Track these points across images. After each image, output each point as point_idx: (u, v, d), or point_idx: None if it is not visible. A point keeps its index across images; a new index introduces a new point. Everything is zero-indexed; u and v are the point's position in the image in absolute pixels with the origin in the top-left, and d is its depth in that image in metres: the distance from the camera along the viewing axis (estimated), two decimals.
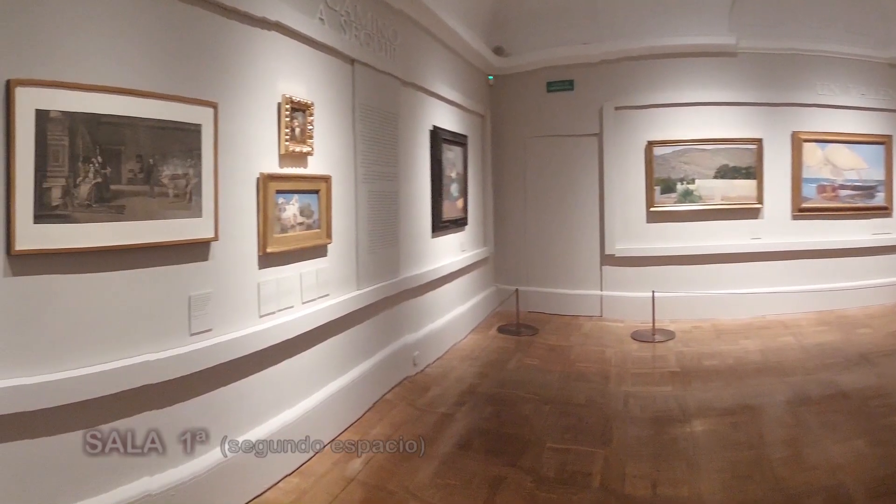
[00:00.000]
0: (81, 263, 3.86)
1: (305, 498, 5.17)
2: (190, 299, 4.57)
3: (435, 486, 5.37)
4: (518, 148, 12.66)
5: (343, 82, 6.75)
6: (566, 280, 12.39)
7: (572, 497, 5.18)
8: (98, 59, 3.93)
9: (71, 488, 3.84)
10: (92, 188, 3.86)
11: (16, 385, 3.54)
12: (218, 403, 4.82)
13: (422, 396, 7.73)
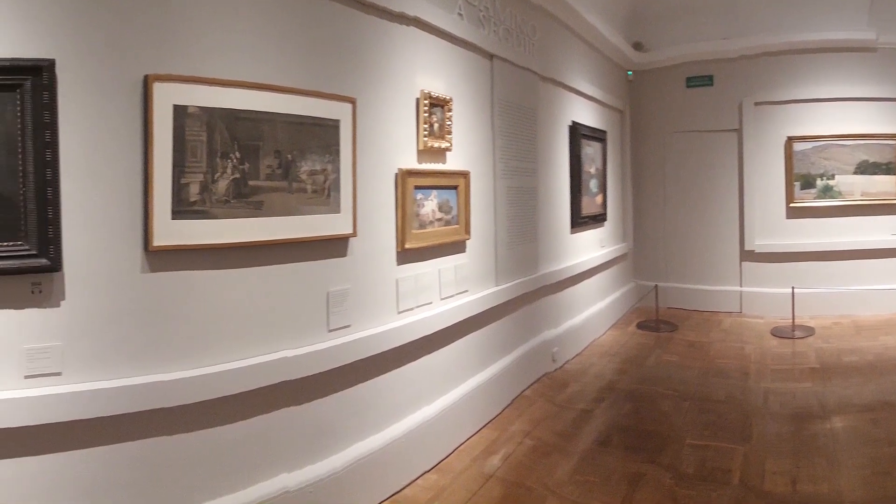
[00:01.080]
0: (219, 259, 3.81)
1: (444, 494, 5.06)
2: (328, 295, 4.48)
3: (574, 483, 5.23)
4: (657, 144, 12.37)
5: (481, 77, 6.59)
6: (705, 276, 12.09)
7: (711, 494, 4.99)
8: (236, 54, 3.87)
9: (209, 485, 3.81)
10: (230, 184, 3.80)
11: (154, 381, 3.51)
12: (356, 400, 4.73)
13: (561, 393, 7.57)
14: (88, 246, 3.35)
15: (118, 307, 3.46)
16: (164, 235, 3.53)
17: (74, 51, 3.28)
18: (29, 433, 3.21)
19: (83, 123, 3.31)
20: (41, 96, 3.16)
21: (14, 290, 3.19)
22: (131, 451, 3.51)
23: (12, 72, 3.11)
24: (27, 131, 3.15)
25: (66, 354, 3.31)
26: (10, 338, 3.19)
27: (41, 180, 3.18)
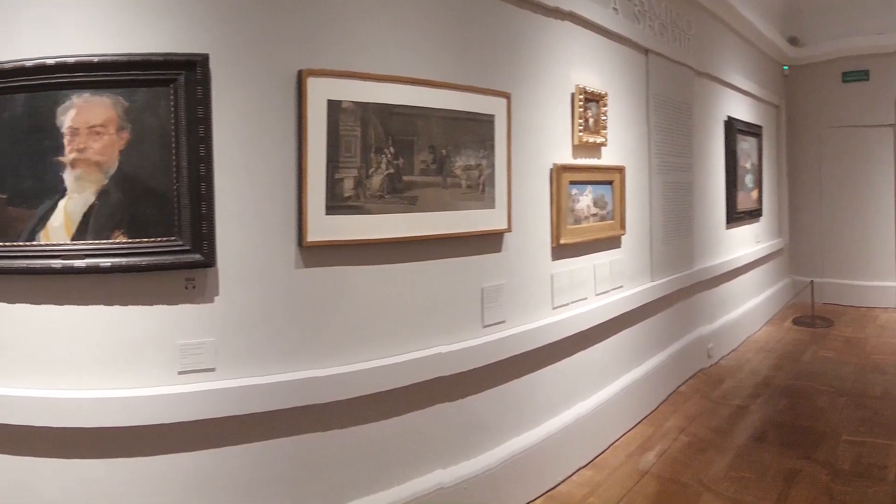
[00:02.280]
0: (373, 255, 3.69)
1: (599, 490, 4.86)
2: (483, 291, 4.31)
3: (729, 479, 5.00)
4: (813, 139, 11.88)
5: (636, 72, 6.33)
6: (861, 272, 11.57)
7: (867, 490, 4.73)
8: (389, 48, 3.75)
9: (364, 481, 3.70)
10: (384, 179, 3.67)
11: (307, 377, 3.42)
12: (510, 395, 4.55)
13: (716, 388, 7.27)
14: (242, 241, 3.27)
15: (272, 303, 3.38)
16: (318, 231, 3.43)
17: (228, 45, 3.21)
18: (182, 429, 3.17)
19: (237, 119, 3.24)
20: (195, 91, 3.09)
21: (168, 286, 3.14)
22: (285, 448, 3.44)
23: (166, 67, 3.06)
24: (181, 126, 3.08)
25: (219, 350, 3.25)
26: (164, 333, 3.14)
27: (195, 176, 3.11)
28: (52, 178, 2.98)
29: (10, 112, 2.99)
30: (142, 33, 3.07)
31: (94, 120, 2.99)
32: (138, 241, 3.04)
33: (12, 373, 3.07)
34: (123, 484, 3.13)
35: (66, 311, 3.07)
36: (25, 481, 3.10)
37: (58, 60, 2.95)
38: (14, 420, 3.03)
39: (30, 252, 2.99)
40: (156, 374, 3.14)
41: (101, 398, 3.05)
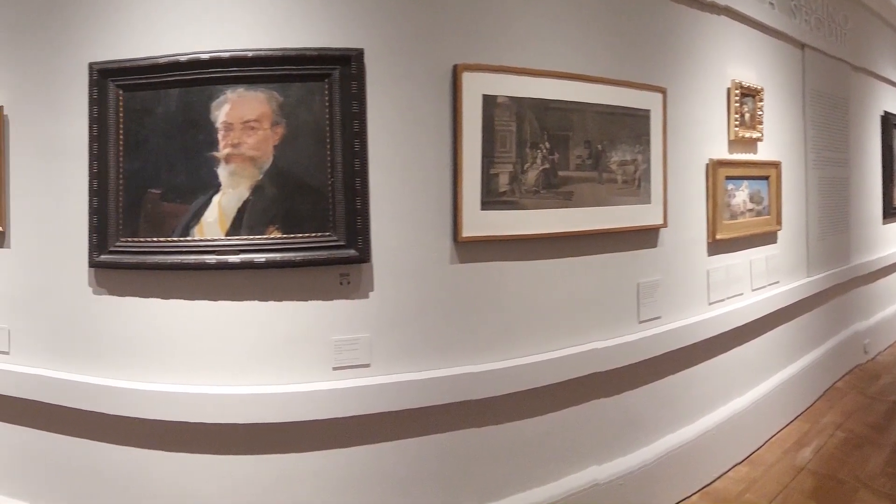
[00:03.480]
0: (528, 250, 3.46)
1: (755, 487, 4.54)
2: (638, 286, 4.03)
3: (886, 475, 4.63)
4: None
5: (792, 67, 5.92)
6: None
7: None
8: (544, 43, 3.50)
9: (519, 477, 3.49)
10: (539, 174, 3.43)
11: (462, 373, 3.24)
12: (666, 391, 4.27)
13: (872, 384, 6.78)
14: (396, 237, 3.10)
15: (426, 298, 3.19)
16: (473, 226, 3.22)
17: (383, 40, 3.06)
18: (337, 425, 3.05)
19: (391, 113, 3.07)
20: (349, 86, 2.95)
21: (323, 282, 3.01)
22: (439, 444, 3.27)
23: (321, 61, 2.95)
24: (335, 121, 2.95)
25: (374, 346, 3.10)
26: (319, 329, 3.03)
27: (349, 171, 2.96)
28: (206, 173, 2.91)
29: (164, 107, 2.94)
30: (296, 28, 2.97)
31: (248, 115, 2.91)
32: (292, 237, 2.93)
33: (167, 369, 3.04)
34: (278, 480, 3.05)
35: (221, 307, 3.00)
36: (181, 478, 3.08)
37: (212, 55, 2.90)
38: (168, 416, 3.00)
39: (184, 247, 2.94)
40: (310, 370, 3.04)
41: (256, 394, 2.97)
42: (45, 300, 3.22)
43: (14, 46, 3.23)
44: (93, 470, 3.18)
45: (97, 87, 2.99)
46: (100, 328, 3.12)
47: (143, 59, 2.95)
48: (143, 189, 2.96)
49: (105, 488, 3.17)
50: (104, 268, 3.04)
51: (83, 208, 3.05)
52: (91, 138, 3.01)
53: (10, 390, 3.26)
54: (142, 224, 2.97)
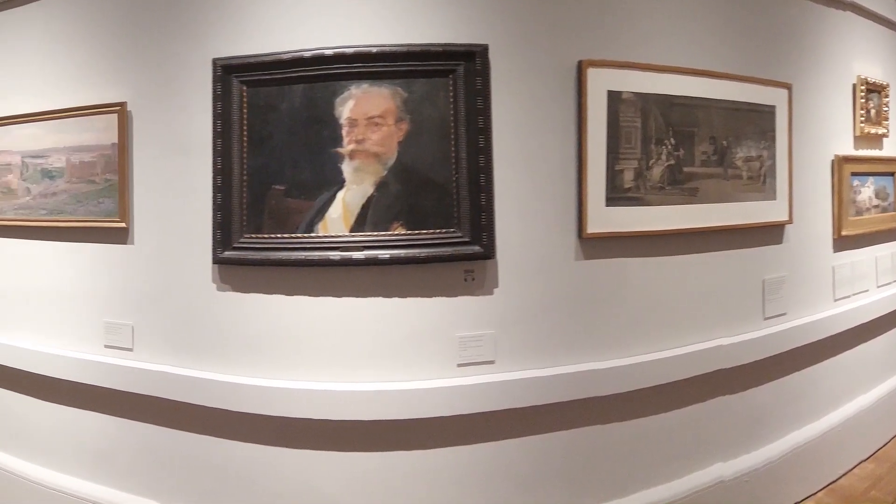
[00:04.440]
0: (653, 246, 3.37)
1: (881, 484, 4.41)
2: (763, 283, 3.91)
3: None
4: None
5: None
6: None
7: None
8: (669, 39, 3.41)
9: (643, 474, 3.42)
10: (664, 170, 3.33)
11: (587, 370, 3.16)
12: (790, 388, 4.13)
13: None
14: (521, 233, 3.04)
15: (551, 295, 3.12)
16: (598, 222, 3.14)
17: (507, 36, 3.00)
18: (461, 422, 3.01)
19: (515, 109, 3.01)
20: (474, 82, 2.90)
21: (447, 278, 2.97)
22: (564, 441, 3.20)
23: (445, 57, 2.90)
24: (460, 117, 2.90)
25: (498, 342, 3.05)
26: (444, 326, 2.99)
27: (474, 167, 2.90)
28: (330, 169, 2.89)
29: (288, 103, 2.94)
30: (419, 23, 2.94)
31: (372, 111, 2.88)
32: (417, 233, 2.88)
33: (290, 366, 3.04)
34: (402, 477, 3.03)
35: (345, 304, 2.98)
36: (305, 475, 3.07)
37: (336, 51, 2.88)
38: (292, 413, 3.00)
39: (308, 244, 2.92)
40: (435, 367, 3.01)
41: (380, 391, 2.94)
42: (168, 297, 3.24)
43: (138, 43, 3.26)
44: (217, 467, 3.20)
45: (221, 83, 3.00)
46: (223, 325, 3.12)
47: (266, 54, 2.95)
48: (267, 185, 2.95)
49: (229, 485, 3.18)
50: (228, 264, 3.04)
51: (207, 205, 3.06)
52: (215, 134, 3.01)
53: (134, 387, 3.29)
54: (266, 220, 2.96)
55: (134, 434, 3.39)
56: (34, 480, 3.68)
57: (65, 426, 3.61)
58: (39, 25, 3.60)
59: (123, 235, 3.31)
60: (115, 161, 3.28)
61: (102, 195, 3.33)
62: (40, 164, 3.56)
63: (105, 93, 3.33)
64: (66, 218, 3.47)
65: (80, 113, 3.39)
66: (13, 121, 3.65)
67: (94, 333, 3.44)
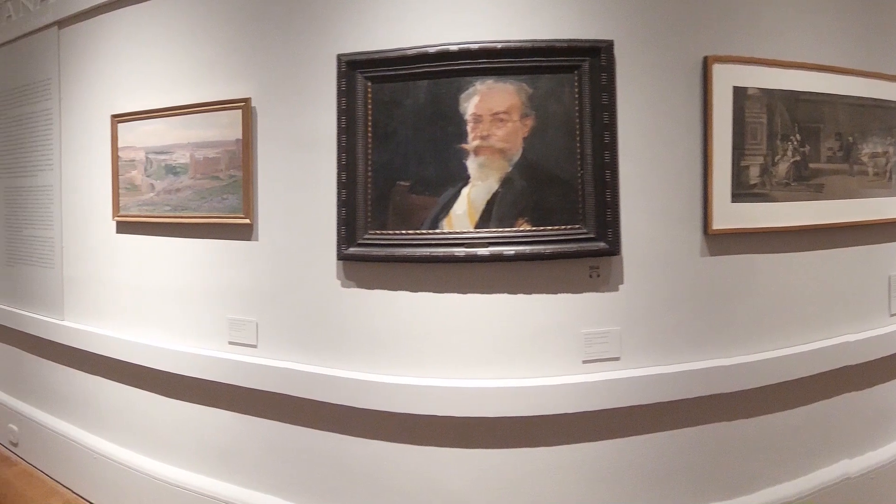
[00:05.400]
0: (778, 242, 3.32)
1: None
2: (890, 279, 3.81)
3: None
4: None
5: None
6: None
7: None
8: (794, 34, 3.34)
9: (769, 471, 3.37)
10: (790, 166, 3.27)
11: (713, 367, 3.12)
12: None
13: None
14: (646, 229, 3.02)
15: (676, 291, 3.10)
16: (724, 219, 3.10)
17: (632, 32, 2.99)
18: (587, 419, 3.01)
19: (641, 105, 3.00)
20: (599, 78, 2.90)
21: (572, 274, 2.97)
22: (689, 437, 3.18)
23: (570, 53, 2.90)
24: (585, 113, 2.90)
25: (623, 339, 3.04)
26: (568, 322, 2.99)
27: (599, 163, 2.89)
28: (455, 165, 2.90)
29: (413, 99, 2.96)
30: (544, 19, 2.93)
31: (497, 107, 2.89)
32: (542, 229, 2.88)
33: (414, 362, 3.07)
34: (527, 474, 3.03)
35: (469, 300, 2.99)
36: (428, 471, 3.09)
37: (461, 47, 2.90)
38: (417, 410, 3.02)
39: (433, 240, 2.94)
40: (560, 364, 2.99)
41: (505, 387, 2.95)
42: (292, 293, 3.28)
43: (262, 38, 3.31)
44: (341, 463, 3.23)
45: (346, 78, 3.03)
46: (347, 321, 3.15)
47: (391, 50, 2.97)
48: (391, 181, 2.97)
49: (353, 482, 3.21)
50: (352, 261, 3.06)
51: (331, 201, 3.09)
52: (339, 130, 3.04)
53: (258, 384, 3.34)
54: (390, 216, 2.98)
55: (258, 431, 3.44)
56: (158, 477, 3.76)
57: (188, 423, 3.68)
58: (165, 21, 3.68)
59: (248, 232, 3.36)
60: (240, 157, 3.33)
61: (227, 191, 3.38)
62: (164, 161, 3.63)
63: (229, 88, 3.40)
64: (190, 214, 3.52)
65: (205, 109, 3.45)
66: (138, 116, 3.72)
67: (219, 330, 3.50)
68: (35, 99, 4.49)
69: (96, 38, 4.06)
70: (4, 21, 4.81)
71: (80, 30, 4.18)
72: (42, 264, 4.49)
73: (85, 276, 4.19)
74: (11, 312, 4.79)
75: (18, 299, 4.76)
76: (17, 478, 4.56)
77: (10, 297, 4.85)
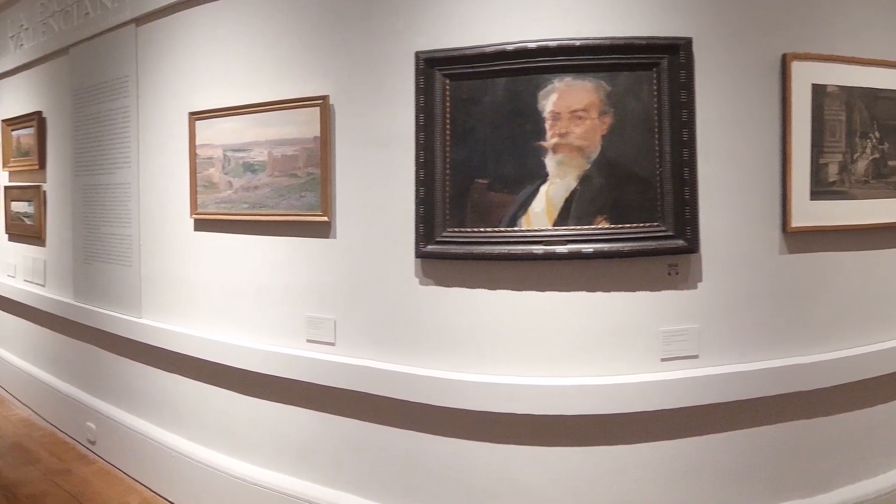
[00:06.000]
0: (858, 240, 3.30)
1: None
2: None
3: None
4: None
5: None
6: None
7: None
8: (873, 32, 3.32)
9: (847, 469, 3.36)
10: (869, 164, 3.26)
11: (792, 364, 3.12)
12: None
13: None
14: (725, 227, 3.02)
15: (755, 289, 3.09)
16: (802, 216, 3.09)
17: (710, 29, 2.99)
18: (665, 416, 3.02)
19: (719, 103, 3.00)
20: (677, 75, 2.91)
21: (651, 272, 2.99)
22: (768, 435, 3.18)
23: (648, 50, 2.91)
24: (663, 111, 2.91)
25: (702, 337, 3.04)
26: (647, 320, 3.00)
27: (677, 160, 2.90)
28: (533, 162, 2.92)
29: (491, 96, 2.98)
30: (622, 16, 2.95)
31: (575, 104, 2.90)
32: (620, 227, 2.89)
33: (493, 360, 3.08)
34: (605, 472, 3.04)
35: (548, 298, 3.00)
36: (506, 469, 3.11)
37: (539, 44, 2.91)
38: (495, 408, 3.04)
39: (511, 238, 2.96)
40: (638, 361, 3.01)
41: (583, 385, 2.96)
42: (370, 291, 3.32)
43: (340, 36, 3.35)
44: (417, 461, 3.27)
45: (424, 76, 3.06)
46: (425, 319, 3.19)
47: (469, 47, 3.00)
48: (469, 179, 3.01)
49: (431, 480, 3.25)
50: (431, 258, 3.10)
51: (409, 199, 3.13)
52: (417, 127, 3.08)
53: (336, 382, 3.38)
54: (468, 214, 3.02)
55: (335, 429, 3.49)
56: (235, 475, 3.83)
57: (266, 421, 3.74)
58: (242, 18, 3.75)
59: (326, 229, 3.41)
60: (317, 155, 3.37)
61: (304, 189, 3.43)
62: (242, 158, 3.69)
63: (307, 86, 3.45)
64: (267, 212, 3.58)
65: (283, 106, 3.50)
66: (216, 114, 3.79)
67: (297, 328, 3.55)
68: (113, 96, 4.59)
69: (174, 36, 4.15)
70: (82, 18, 4.93)
71: (157, 27, 4.27)
72: (120, 262, 4.58)
73: (162, 273, 4.28)
74: (89, 310, 4.89)
75: (96, 297, 4.86)
76: (95, 476, 4.66)
77: (88, 296, 4.95)
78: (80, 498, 4.32)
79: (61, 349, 5.47)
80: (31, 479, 4.60)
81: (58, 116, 5.34)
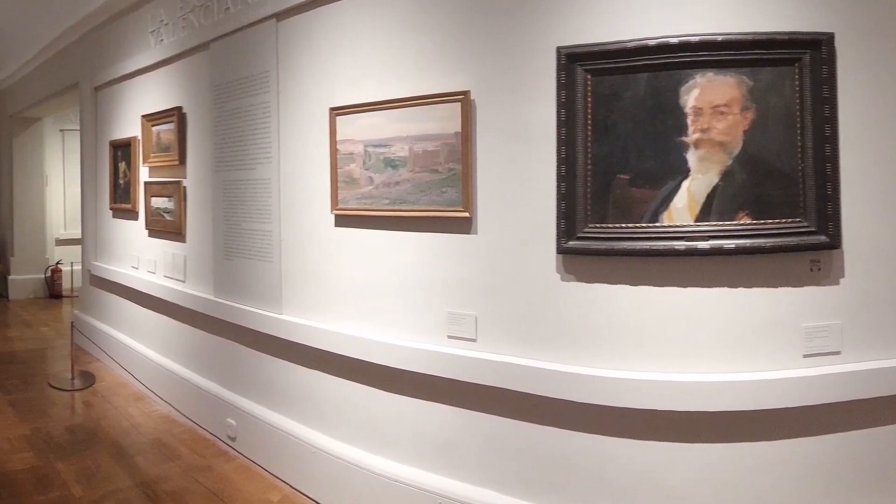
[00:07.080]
0: None
1: None
2: None
3: None
4: None
5: None
6: None
7: None
8: None
9: None
10: None
11: None
12: None
13: None
14: (867, 223, 3.16)
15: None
16: None
17: (853, 24, 3.13)
18: (807, 413, 3.16)
19: (862, 98, 3.13)
20: (820, 70, 3.06)
21: (792, 268, 3.14)
22: None
23: (790, 46, 3.06)
24: (805, 106, 3.07)
25: (844, 333, 3.18)
26: (788, 316, 3.15)
27: (820, 156, 3.07)
28: (675, 158, 3.11)
29: (632, 92, 3.18)
30: (764, 12, 3.10)
31: (717, 100, 3.07)
32: (762, 223, 3.07)
33: (634, 356, 3.28)
34: (747, 469, 3.19)
35: (689, 294, 3.18)
36: (648, 466, 3.29)
37: (681, 39, 3.08)
38: (638, 404, 3.23)
39: (653, 233, 3.15)
40: (780, 358, 3.16)
41: (725, 381, 3.13)
42: (511, 287, 3.54)
43: (481, 31, 3.58)
44: (559, 457, 3.47)
45: (565, 71, 3.28)
46: (566, 315, 3.40)
47: (610, 43, 3.20)
48: (611, 174, 3.22)
49: (571, 476, 3.44)
50: (572, 254, 3.32)
51: (550, 194, 3.35)
52: (559, 123, 3.30)
53: (477, 378, 3.61)
54: (610, 210, 3.23)
55: (476, 425, 3.71)
56: (376, 471, 4.08)
57: (406, 417, 3.99)
58: (383, 13, 4.02)
59: (467, 225, 3.64)
60: (458, 150, 3.61)
61: (445, 185, 3.67)
62: (383, 154, 3.95)
63: (448, 81, 3.68)
64: (408, 208, 3.83)
65: (423, 102, 3.74)
66: (357, 109, 4.07)
67: (437, 324, 3.80)
68: (254, 91, 4.94)
69: (314, 31, 4.46)
70: (222, 13, 5.30)
71: (297, 22, 4.60)
72: (260, 258, 4.93)
73: (302, 269, 4.60)
74: (230, 306, 5.27)
75: (236, 293, 5.23)
76: (236, 472, 5.01)
77: (228, 292, 5.33)
78: (220, 494, 4.64)
79: (201, 345, 5.84)
80: (171, 475, 4.94)
81: (198, 112, 5.74)
